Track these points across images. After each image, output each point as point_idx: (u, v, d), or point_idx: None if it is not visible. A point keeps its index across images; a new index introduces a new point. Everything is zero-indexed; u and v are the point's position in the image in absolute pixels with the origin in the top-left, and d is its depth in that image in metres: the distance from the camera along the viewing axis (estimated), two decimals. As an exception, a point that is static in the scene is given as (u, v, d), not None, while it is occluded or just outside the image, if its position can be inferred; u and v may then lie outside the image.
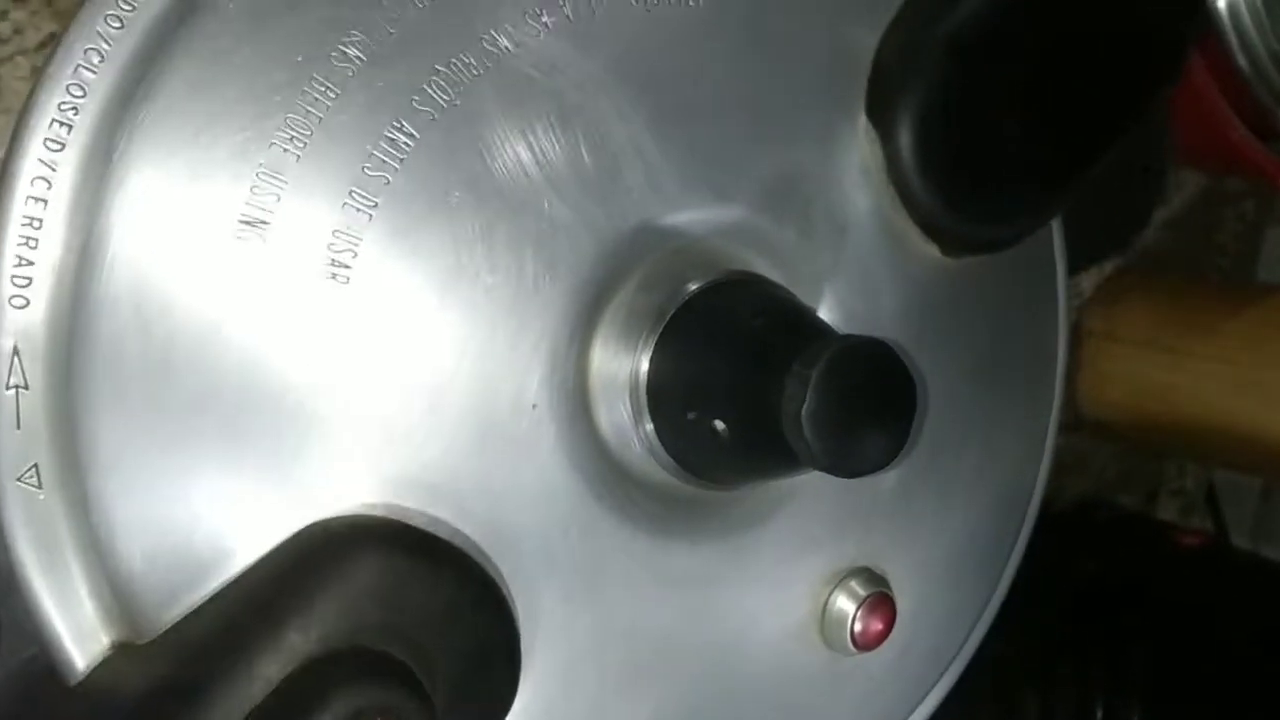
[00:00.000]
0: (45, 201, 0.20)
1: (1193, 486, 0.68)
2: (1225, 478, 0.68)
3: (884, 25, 0.26)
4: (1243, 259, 0.67)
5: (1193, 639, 0.40)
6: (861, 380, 0.20)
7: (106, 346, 0.20)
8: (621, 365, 0.24)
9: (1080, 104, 0.26)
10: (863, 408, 0.20)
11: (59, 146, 0.20)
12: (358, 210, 0.21)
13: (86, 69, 0.19)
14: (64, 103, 0.19)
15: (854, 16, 0.26)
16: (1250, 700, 0.39)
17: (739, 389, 0.21)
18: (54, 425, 0.20)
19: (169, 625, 0.21)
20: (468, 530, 0.22)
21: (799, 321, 0.23)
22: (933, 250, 0.27)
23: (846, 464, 0.20)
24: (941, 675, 0.28)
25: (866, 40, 0.26)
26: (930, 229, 0.27)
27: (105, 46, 0.20)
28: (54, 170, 0.20)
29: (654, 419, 0.23)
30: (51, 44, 0.34)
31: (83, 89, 0.20)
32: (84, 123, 0.20)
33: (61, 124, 0.20)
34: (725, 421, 0.22)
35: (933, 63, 0.26)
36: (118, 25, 0.20)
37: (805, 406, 0.20)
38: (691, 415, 0.22)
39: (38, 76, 0.20)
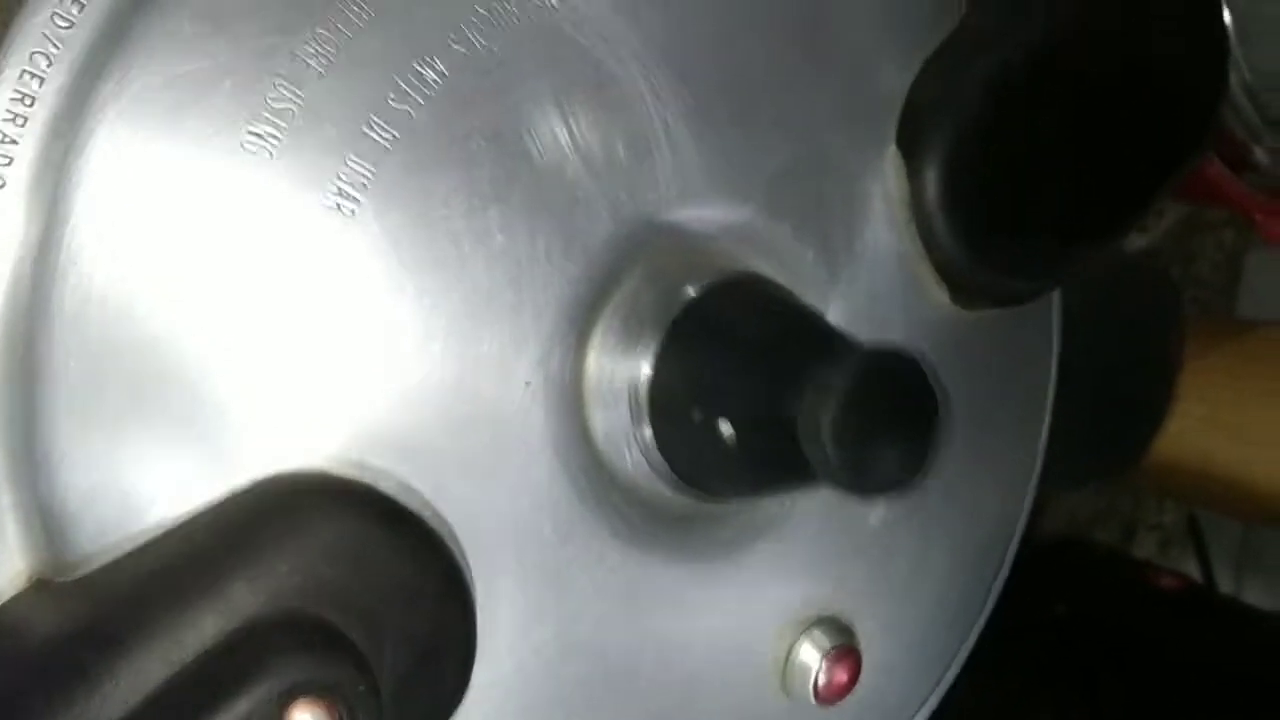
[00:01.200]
0: (42, 78, 0.18)
1: (1170, 522, 0.66)
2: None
3: (926, 57, 0.25)
4: (1222, 290, 0.66)
5: (1169, 682, 0.39)
6: (885, 393, 0.19)
7: (77, 259, 0.18)
8: (622, 363, 0.22)
9: (1111, 164, 0.26)
10: (884, 422, 0.19)
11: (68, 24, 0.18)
12: (376, 140, 0.19)
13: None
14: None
15: (899, 45, 0.25)
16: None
17: (751, 391, 0.20)
18: (10, 329, 0.18)
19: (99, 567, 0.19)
20: (440, 507, 0.20)
21: (816, 327, 0.22)
22: (943, 297, 0.26)
23: (864, 479, 0.19)
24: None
25: (906, 69, 0.25)
26: (946, 273, 0.26)
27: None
28: (58, 47, 0.18)
29: (653, 419, 0.22)
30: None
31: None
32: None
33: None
34: (733, 425, 0.20)
35: (969, 100, 0.25)
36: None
37: (828, 415, 0.19)
38: (698, 416, 0.21)
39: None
